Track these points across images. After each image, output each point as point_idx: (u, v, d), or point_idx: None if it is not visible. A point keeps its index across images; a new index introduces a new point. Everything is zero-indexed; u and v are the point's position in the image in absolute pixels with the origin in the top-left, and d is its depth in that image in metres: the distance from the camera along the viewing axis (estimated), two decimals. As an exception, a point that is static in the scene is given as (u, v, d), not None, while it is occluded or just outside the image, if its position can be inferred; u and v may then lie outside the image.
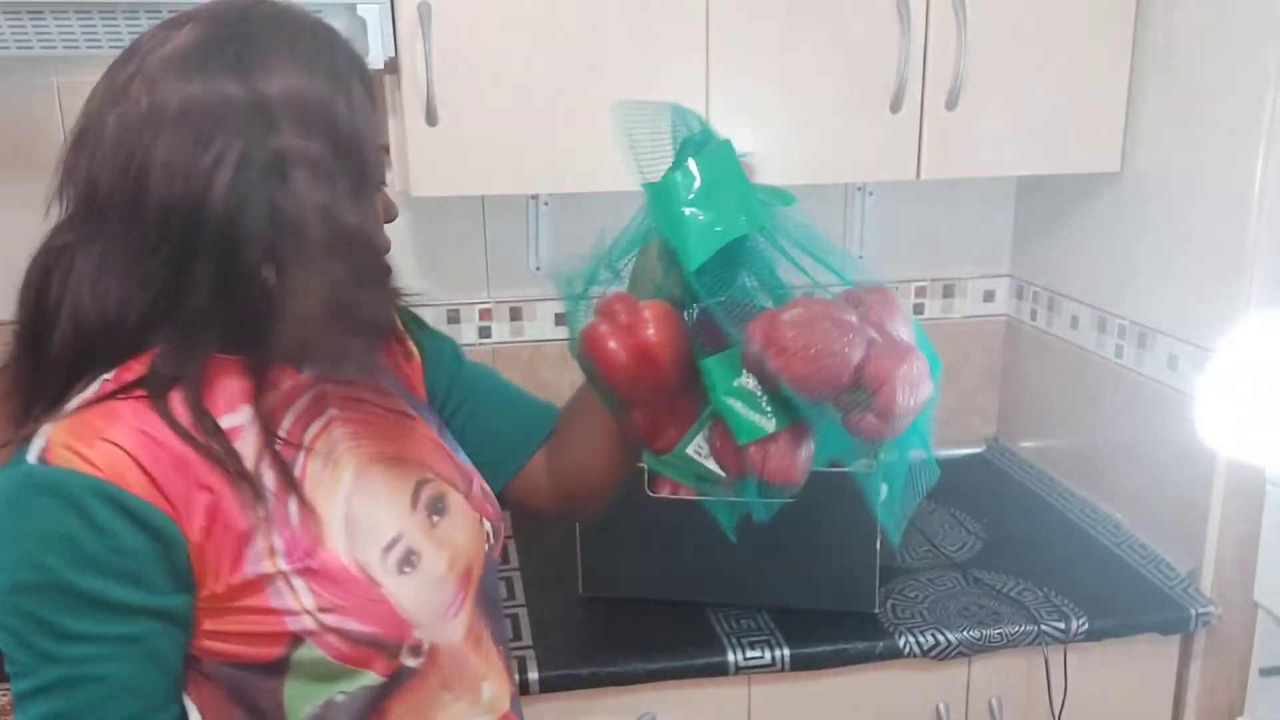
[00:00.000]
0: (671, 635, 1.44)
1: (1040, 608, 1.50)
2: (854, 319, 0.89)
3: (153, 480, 0.76)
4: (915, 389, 0.93)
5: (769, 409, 0.88)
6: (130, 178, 0.79)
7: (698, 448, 0.93)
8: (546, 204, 1.82)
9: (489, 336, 1.88)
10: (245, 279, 0.80)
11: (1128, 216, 1.66)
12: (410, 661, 0.86)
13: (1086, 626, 1.47)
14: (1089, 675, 1.51)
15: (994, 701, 1.50)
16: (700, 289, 0.88)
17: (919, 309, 2.03)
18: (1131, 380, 1.67)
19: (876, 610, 1.49)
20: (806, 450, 0.91)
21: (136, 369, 0.81)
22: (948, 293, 2.04)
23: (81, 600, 0.75)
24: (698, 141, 0.94)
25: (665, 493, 1.37)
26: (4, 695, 1.32)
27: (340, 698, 0.84)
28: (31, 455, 0.76)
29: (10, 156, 1.71)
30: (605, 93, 1.48)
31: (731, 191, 0.93)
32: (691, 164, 0.90)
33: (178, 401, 0.80)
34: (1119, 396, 1.71)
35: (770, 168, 1.58)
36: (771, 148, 1.55)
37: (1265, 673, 1.53)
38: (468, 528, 0.94)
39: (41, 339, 0.82)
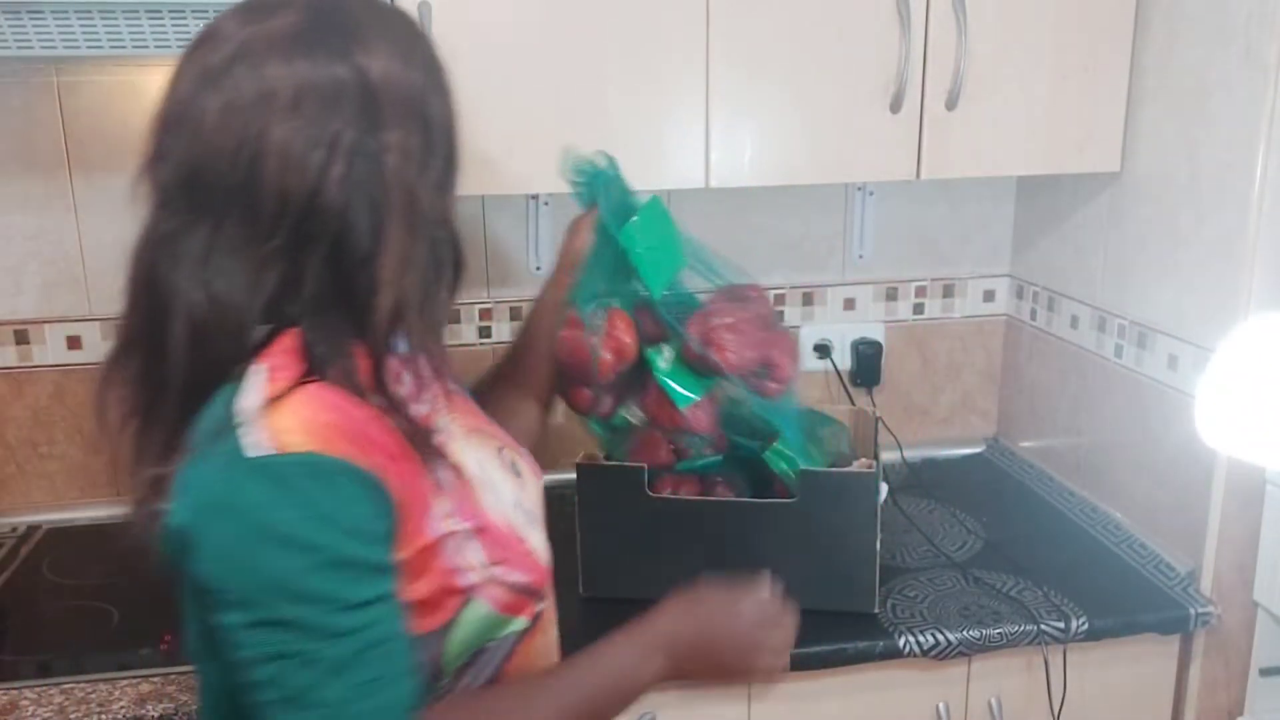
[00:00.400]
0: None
1: (1040, 607, 1.50)
2: (753, 316, 1.31)
3: (364, 452, 0.80)
4: (795, 362, 1.36)
5: (692, 382, 1.32)
6: (241, 165, 0.80)
7: (630, 413, 1.36)
8: (546, 204, 1.82)
9: (489, 336, 1.88)
10: (356, 263, 0.82)
11: (1128, 216, 1.66)
12: (540, 606, 0.96)
13: (1086, 626, 1.47)
14: (1089, 675, 1.51)
15: (994, 701, 1.50)
16: (659, 305, 1.29)
17: (919, 309, 2.03)
18: (1131, 380, 1.67)
19: (876, 610, 1.49)
20: (715, 409, 1.35)
21: (289, 356, 0.82)
22: (948, 292, 2.04)
23: (356, 569, 0.78)
24: (624, 189, 1.28)
25: (665, 492, 1.44)
26: (4, 696, 1.32)
27: (490, 644, 0.91)
28: (258, 449, 0.77)
29: (10, 156, 1.71)
30: (606, 93, 1.49)
31: (668, 236, 1.30)
32: (638, 220, 1.25)
33: (352, 382, 0.83)
34: (1119, 396, 1.71)
35: (771, 168, 1.59)
36: (772, 148, 1.56)
37: (1265, 673, 1.53)
38: (537, 485, 1.06)
39: (156, 330, 0.83)
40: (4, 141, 1.70)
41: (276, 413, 0.79)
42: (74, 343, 1.79)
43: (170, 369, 0.83)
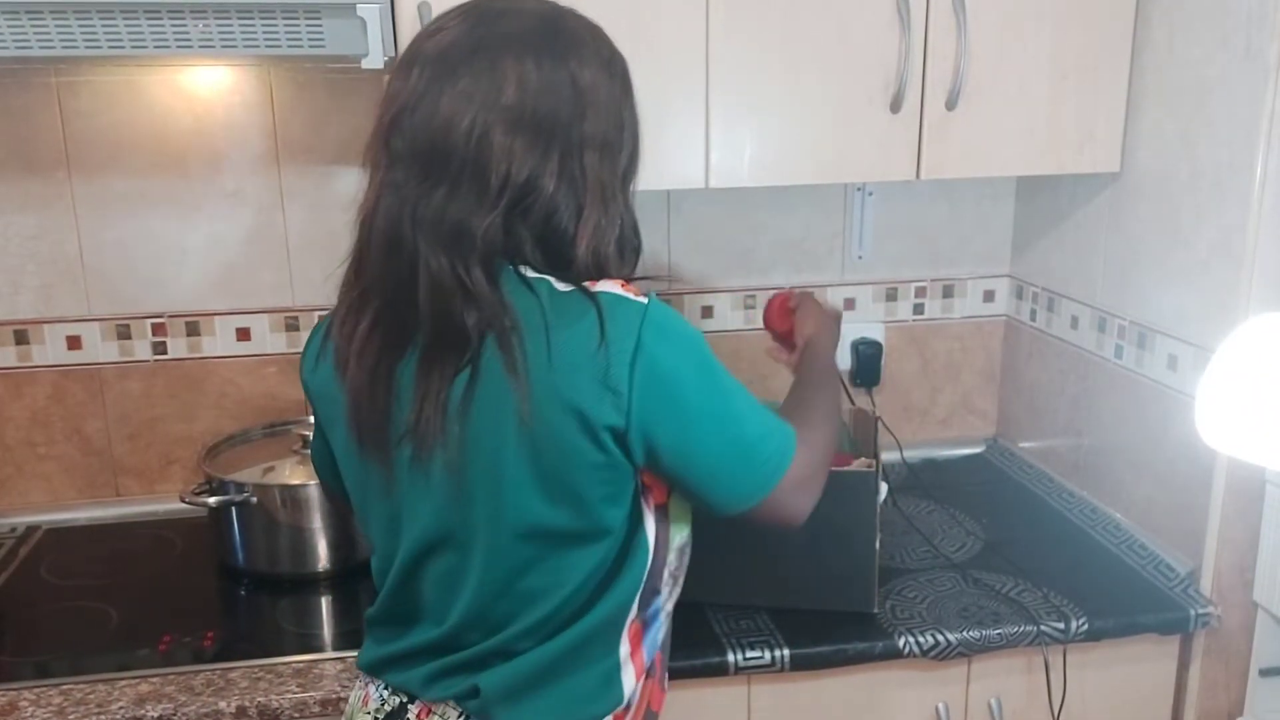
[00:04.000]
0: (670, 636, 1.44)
1: (1040, 608, 1.49)
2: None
3: None
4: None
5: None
6: (472, 144, 0.96)
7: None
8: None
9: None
10: (560, 236, 0.99)
11: (1128, 216, 1.66)
12: None
13: (1086, 627, 1.47)
14: (1089, 675, 1.51)
15: (993, 702, 1.50)
16: None
17: (919, 309, 2.03)
18: (1131, 381, 1.67)
19: (876, 610, 1.48)
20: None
21: None
22: (948, 293, 2.04)
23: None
24: None
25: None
26: (3, 697, 1.32)
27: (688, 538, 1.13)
28: (637, 298, 0.98)
29: (10, 156, 1.71)
30: (605, 93, 1.48)
31: None
32: None
33: None
34: (1119, 397, 1.71)
35: (771, 168, 1.59)
36: (772, 148, 1.55)
37: (1265, 673, 1.53)
38: None
39: (402, 280, 0.98)
40: (4, 141, 1.70)
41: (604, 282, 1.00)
42: (73, 343, 1.79)
43: (415, 312, 0.98)
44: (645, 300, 0.98)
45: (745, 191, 1.88)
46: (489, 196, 0.96)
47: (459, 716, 1.07)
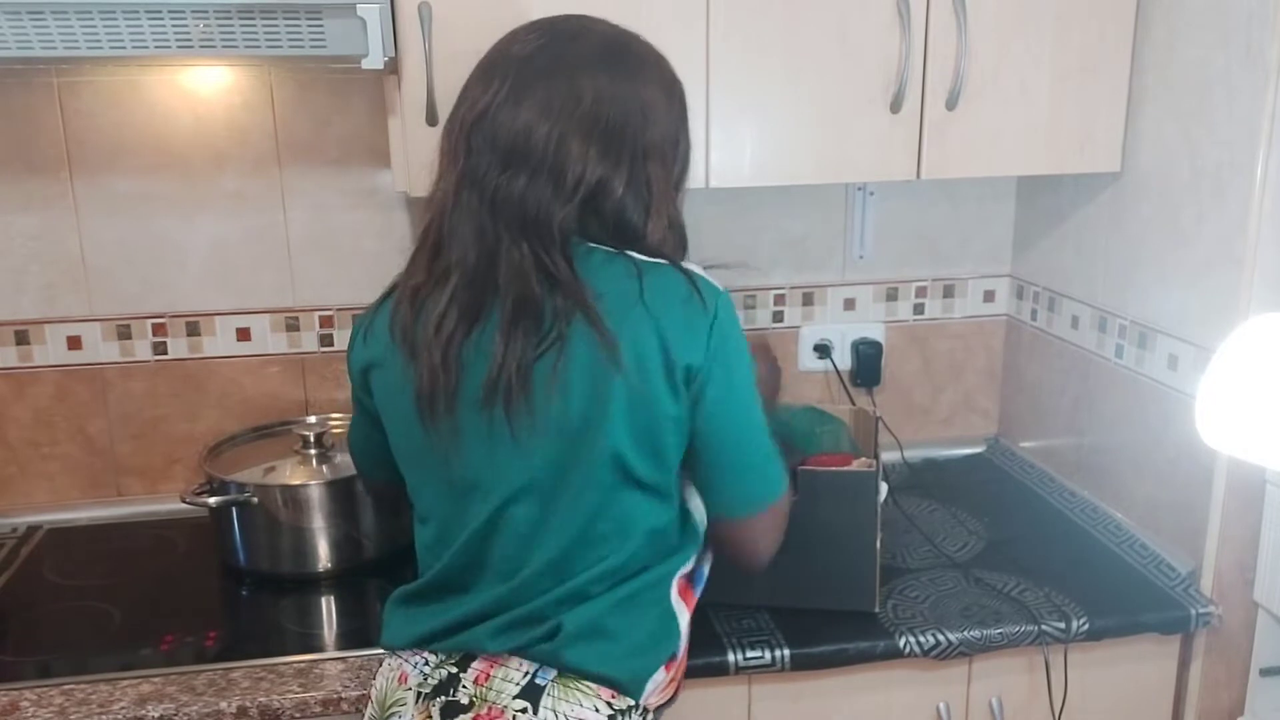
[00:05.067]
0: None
1: (1040, 608, 1.50)
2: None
3: None
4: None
5: None
6: (550, 149, 1.07)
7: None
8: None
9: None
10: (632, 236, 1.11)
11: (1128, 216, 1.66)
12: None
13: (1087, 626, 1.47)
14: (1089, 675, 1.52)
15: (994, 701, 1.50)
16: None
17: (919, 309, 2.03)
18: (1132, 380, 1.67)
19: (877, 610, 1.49)
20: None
21: None
22: (948, 293, 2.04)
23: None
24: None
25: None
26: (5, 697, 1.32)
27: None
28: (718, 285, 1.11)
29: (11, 157, 1.71)
30: (605, 93, 1.49)
31: None
32: None
33: None
34: (1119, 397, 1.71)
35: (771, 168, 1.59)
36: (771, 148, 1.55)
37: (1265, 673, 1.53)
38: None
39: (488, 260, 1.09)
40: (4, 142, 1.70)
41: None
42: (74, 343, 1.79)
43: (493, 290, 1.08)
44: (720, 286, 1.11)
45: (745, 191, 1.88)
46: (564, 191, 1.07)
47: (523, 675, 1.11)
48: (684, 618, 1.19)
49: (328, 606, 1.59)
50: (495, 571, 1.14)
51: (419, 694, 1.14)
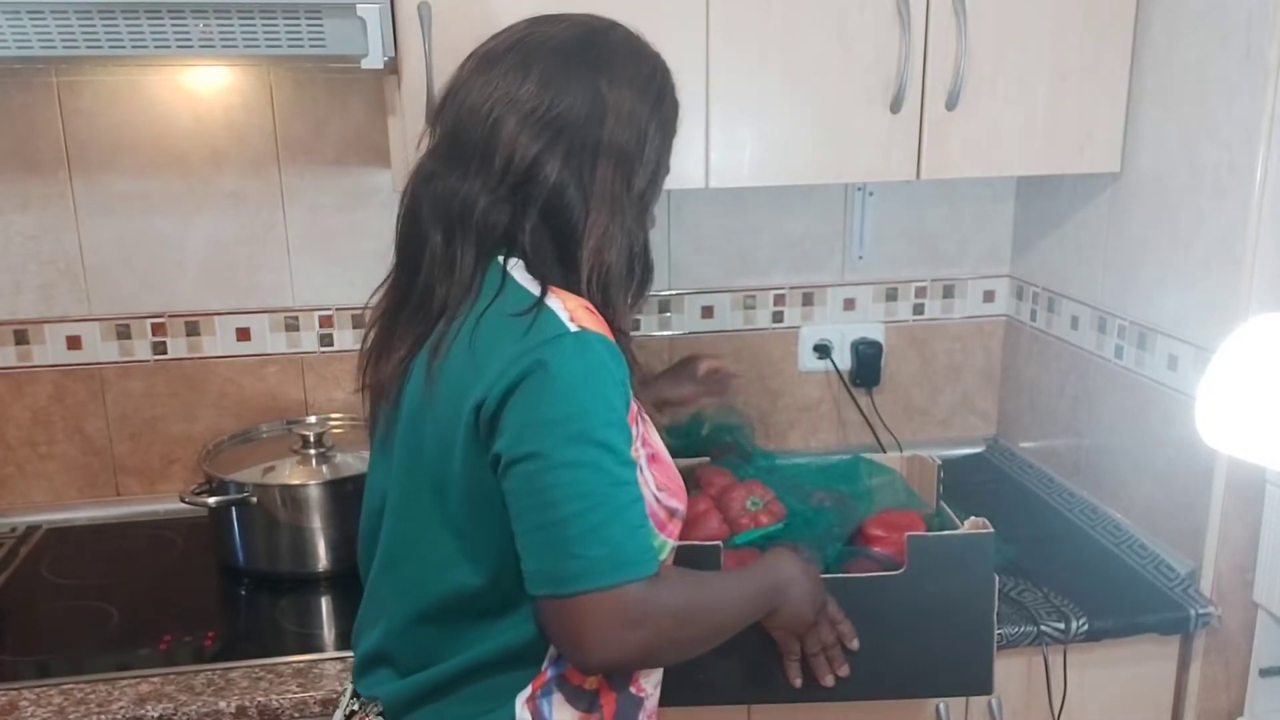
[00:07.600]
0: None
1: (1040, 608, 1.49)
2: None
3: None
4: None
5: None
6: (486, 128, 1.01)
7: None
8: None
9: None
10: (568, 234, 1.02)
11: (1128, 217, 1.66)
12: (676, 530, 1.08)
13: (1086, 627, 1.47)
14: (1088, 676, 1.51)
15: (993, 702, 1.50)
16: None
17: (919, 309, 2.03)
18: (1131, 381, 1.67)
19: (993, 694, 1.39)
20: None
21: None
22: (948, 293, 2.04)
23: (626, 435, 0.97)
24: None
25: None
26: (3, 696, 1.32)
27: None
28: (570, 327, 0.95)
29: (10, 156, 1.71)
30: (605, 93, 1.48)
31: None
32: None
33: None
34: (1119, 397, 1.71)
35: (771, 168, 1.59)
36: (771, 148, 1.55)
37: (1265, 673, 1.53)
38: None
39: (414, 248, 1.05)
40: (4, 141, 1.70)
41: (573, 306, 0.98)
42: (73, 343, 1.79)
43: (418, 280, 1.04)
44: (579, 329, 0.95)
45: (745, 191, 1.88)
46: (493, 179, 1.01)
47: None
48: None
49: (326, 606, 1.59)
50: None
51: None
